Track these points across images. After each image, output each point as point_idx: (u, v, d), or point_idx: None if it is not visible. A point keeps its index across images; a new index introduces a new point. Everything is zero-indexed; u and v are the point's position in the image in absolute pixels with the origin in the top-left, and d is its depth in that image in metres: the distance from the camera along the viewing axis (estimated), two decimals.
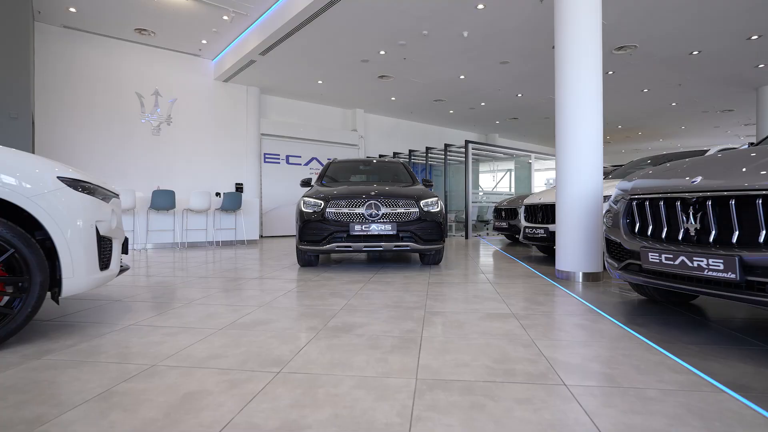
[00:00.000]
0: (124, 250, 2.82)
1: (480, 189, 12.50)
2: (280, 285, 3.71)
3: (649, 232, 2.31)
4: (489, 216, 11.50)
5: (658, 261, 2.16)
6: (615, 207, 2.66)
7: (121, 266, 2.75)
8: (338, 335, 2.20)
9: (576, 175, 3.90)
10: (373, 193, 4.59)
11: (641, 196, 2.37)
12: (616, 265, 2.56)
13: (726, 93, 10.76)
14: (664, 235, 2.21)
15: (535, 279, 4.01)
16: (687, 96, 11.07)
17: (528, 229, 5.37)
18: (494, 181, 13.28)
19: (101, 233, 2.33)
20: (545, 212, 5.17)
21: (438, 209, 4.72)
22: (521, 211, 5.80)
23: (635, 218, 2.43)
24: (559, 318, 2.55)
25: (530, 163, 12.11)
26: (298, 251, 4.79)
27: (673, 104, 11.86)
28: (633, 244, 2.38)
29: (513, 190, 12.84)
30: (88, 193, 2.28)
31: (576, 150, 3.90)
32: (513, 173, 13.07)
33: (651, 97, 11.06)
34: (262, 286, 3.64)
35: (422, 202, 4.62)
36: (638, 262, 2.35)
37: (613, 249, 2.66)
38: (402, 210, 4.52)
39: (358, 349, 1.97)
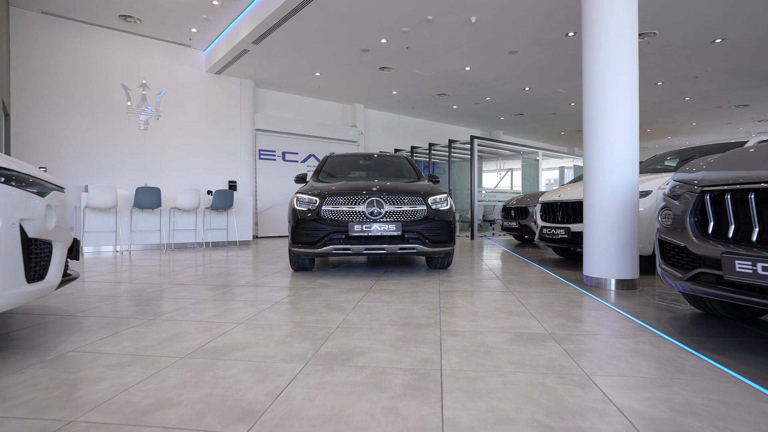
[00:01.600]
0: (73, 255, 2.31)
1: (482, 189, 11.99)
2: (267, 294, 3.20)
3: (730, 234, 1.80)
4: (495, 215, 10.99)
5: (750, 271, 1.65)
6: (675, 202, 2.15)
7: (68, 275, 2.25)
8: (332, 368, 1.69)
9: (608, 167, 3.39)
10: (374, 188, 4.09)
11: (719, 187, 1.87)
12: (681, 275, 2.05)
13: (743, 86, 10.27)
14: (755, 238, 1.71)
15: (560, 286, 3.50)
16: (702, 90, 10.57)
17: (546, 230, 4.87)
18: (500, 180, 12.77)
19: (30, 235, 1.82)
20: (566, 211, 4.66)
21: (447, 207, 4.22)
22: (536, 210, 5.29)
23: (708, 216, 1.92)
24: (609, 341, 2.04)
25: (538, 160, 11.60)
26: (291, 254, 4.28)
27: (687, 99, 11.36)
28: (707, 249, 1.88)
29: (520, 188, 12.34)
30: (10, 184, 1.77)
31: (608, 137, 3.39)
32: (516, 172, 12.58)
33: (664, 90, 10.57)
34: (247, 296, 3.14)
35: (430, 199, 4.12)
36: (715, 272, 1.84)
37: (673, 254, 2.16)
38: (407, 208, 4.01)
39: (359, 391, 1.47)
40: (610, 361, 1.75)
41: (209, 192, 8.78)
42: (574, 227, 4.47)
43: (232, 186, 9.89)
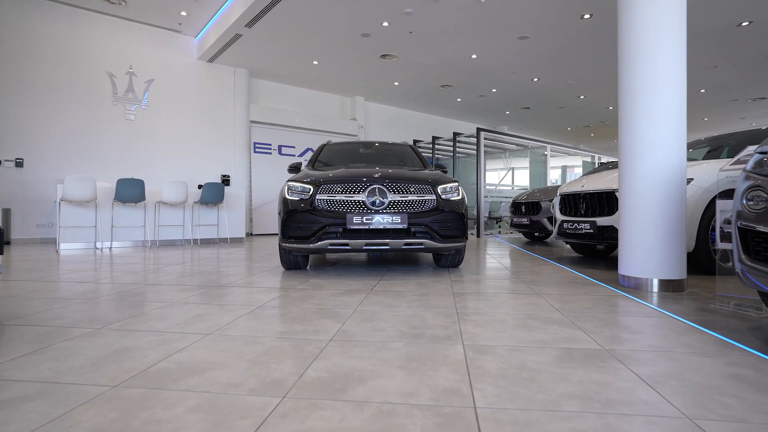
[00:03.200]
0: None
1: (487, 185, 11.48)
2: (250, 297, 2.70)
3: None
4: (501, 212, 10.51)
5: None
6: None
7: None
8: (320, 403, 1.19)
9: (651, 149, 2.89)
10: (376, 175, 3.59)
11: None
12: None
13: (763, 77, 9.77)
14: None
15: (592, 288, 3.01)
16: (719, 81, 10.07)
17: (567, 224, 4.37)
18: (504, 176, 12.28)
19: None
20: (590, 203, 4.16)
21: (459, 197, 3.71)
22: (555, 203, 4.79)
23: None
24: (691, 361, 1.54)
25: (546, 155, 11.09)
26: (281, 250, 3.78)
27: (702, 91, 10.86)
28: None
29: (523, 185, 11.84)
30: None
31: (651, 113, 2.89)
32: (520, 169, 12.07)
33: None
34: (226, 299, 2.64)
35: (440, 188, 3.61)
36: None
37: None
38: (414, 197, 3.51)
39: None
40: (710, 395, 1.25)
41: (200, 186, 8.28)
42: (601, 221, 3.97)
43: (225, 180, 9.39)
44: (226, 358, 1.57)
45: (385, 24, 7.18)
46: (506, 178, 12.60)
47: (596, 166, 12.37)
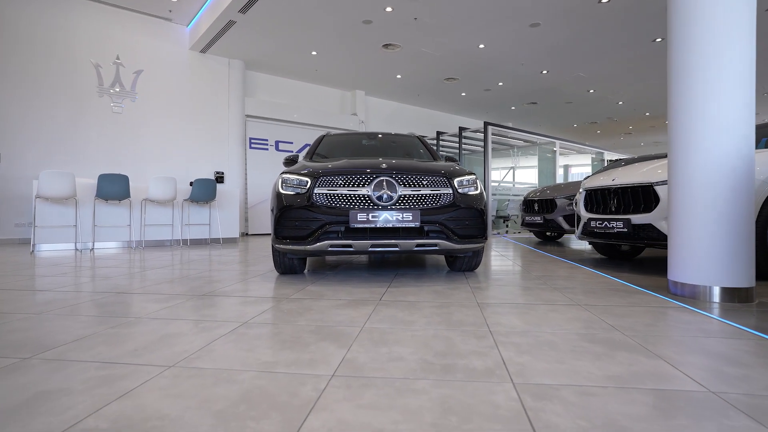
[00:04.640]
0: None
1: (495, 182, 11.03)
2: (234, 309, 2.23)
3: None
4: (509, 211, 10.05)
5: None
6: None
7: None
8: None
9: (714, 131, 2.43)
10: (383, 166, 3.12)
11: None
12: None
13: None
14: None
15: (640, 297, 2.55)
16: None
17: (594, 222, 3.90)
18: (507, 173, 11.83)
19: None
20: (622, 198, 3.70)
21: (478, 192, 3.25)
22: (580, 199, 4.33)
23: None
24: None
25: (555, 150, 10.64)
26: (275, 253, 3.32)
27: None
28: None
29: (527, 183, 11.40)
30: None
31: (713, 88, 2.43)
32: (523, 167, 11.65)
33: None
34: (204, 312, 2.17)
35: (456, 181, 3.15)
36: None
37: None
38: (428, 191, 3.04)
39: None
40: None
41: (192, 184, 7.81)
42: (637, 219, 3.50)
43: (219, 178, 8.92)
44: (186, 409, 1.11)
45: (389, 9, 6.72)
46: (508, 175, 12.17)
47: (605, 163, 11.93)
